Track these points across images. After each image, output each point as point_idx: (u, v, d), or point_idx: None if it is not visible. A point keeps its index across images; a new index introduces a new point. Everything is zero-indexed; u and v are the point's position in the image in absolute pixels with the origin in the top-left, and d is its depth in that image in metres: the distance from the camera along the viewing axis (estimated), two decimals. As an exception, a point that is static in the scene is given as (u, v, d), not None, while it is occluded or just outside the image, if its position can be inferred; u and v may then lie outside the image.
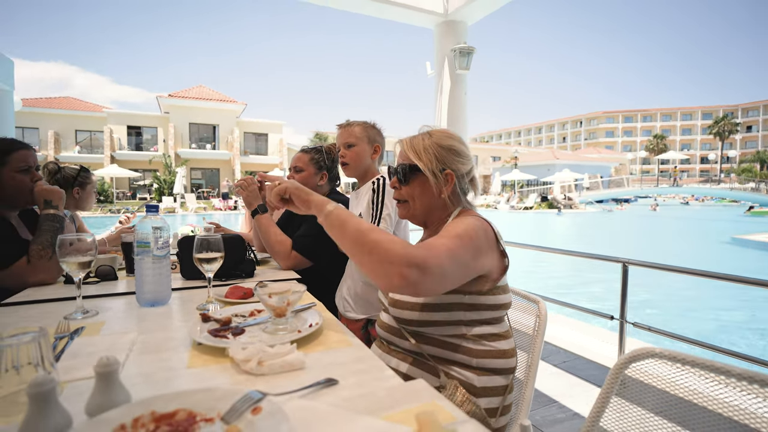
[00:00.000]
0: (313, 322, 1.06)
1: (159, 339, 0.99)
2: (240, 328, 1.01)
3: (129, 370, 0.82)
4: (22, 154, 1.58)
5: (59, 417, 0.58)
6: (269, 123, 30.71)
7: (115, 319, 1.14)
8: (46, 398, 0.56)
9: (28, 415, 0.56)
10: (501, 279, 1.11)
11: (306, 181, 2.02)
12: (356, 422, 0.61)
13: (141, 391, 0.72)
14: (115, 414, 0.60)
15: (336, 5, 4.54)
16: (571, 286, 7.93)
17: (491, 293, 1.09)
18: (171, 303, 1.29)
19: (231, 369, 0.83)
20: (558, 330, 3.51)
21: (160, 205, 21.63)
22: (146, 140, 28.05)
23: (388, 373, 0.82)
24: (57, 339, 0.95)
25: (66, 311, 1.17)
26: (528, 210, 27.46)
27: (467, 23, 4.52)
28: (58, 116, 26.40)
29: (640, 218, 24.24)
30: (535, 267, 9.55)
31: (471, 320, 1.09)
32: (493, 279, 1.09)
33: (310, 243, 1.82)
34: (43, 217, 1.54)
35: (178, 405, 0.63)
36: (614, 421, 0.86)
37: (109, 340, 0.95)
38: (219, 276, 1.56)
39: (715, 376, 0.79)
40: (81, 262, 1.11)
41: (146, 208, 1.23)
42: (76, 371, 0.78)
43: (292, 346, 0.85)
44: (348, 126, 1.87)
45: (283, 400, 0.67)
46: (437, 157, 1.14)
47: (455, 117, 4.54)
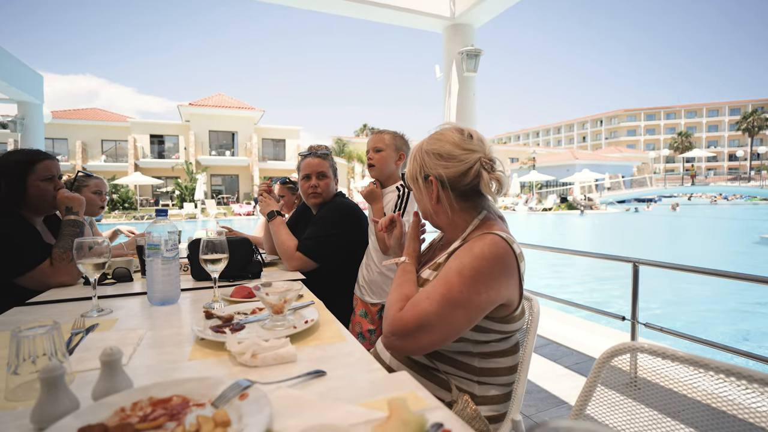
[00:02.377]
0: (309, 318, 1.11)
1: (165, 335, 1.06)
2: (240, 324, 1.07)
3: (135, 362, 0.89)
4: (46, 164, 1.69)
5: (67, 400, 0.64)
6: (286, 129, 31.16)
7: (127, 317, 1.22)
8: (55, 383, 0.63)
9: (40, 397, 0.63)
10: (519, 306, 1.04)
11: (329, 188, 2.11)
12: (335, 409, 0.66)
13: (144, 380, 0.78)
14: (117, 398, 0.66)
15: (347, 13, 4.63)
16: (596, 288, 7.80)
17: (505, 321, 1.03)
18: (180, 302, 1.36)
19: (228, 361, 0.88)
20: (571, 332, 3.48)
21: (182, 211, 22.21)
22: (168, 148, 28.83)
23: (374, 366, 0.86)
24: (73, 334, 1.03)
25: (83, 310, 1.26)
26: (547, 211, 27.06)
27: (475, 26, 4.55)
28: (85, 127, 27.41)
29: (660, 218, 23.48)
30: (553, 268, 9.41)
31: (478, 341, 1.04)
32: (513, 308, 1.02)
33: (313, 245, 1.89)
34: (65, 222, 1.64)
35: (174, 392, 0.69)
36: (599, 407, 0.88)
37: (119, 336, 1.02)
38: (227, 277, 1.64)
39: (696, 369, 0.81)
40: (96, 264, 1.19)
41: (156, 213, 1.31)
42: (88, 362, 0.86)
43: (286, 340, 0.90)
44: (380, 133, 2.02)
45: (271, 389, 0.72)
46: (421, 165, 1.12)
47: (464, 119, 4.55)
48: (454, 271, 0.96)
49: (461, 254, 0.99)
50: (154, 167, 27.40)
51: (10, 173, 1.63)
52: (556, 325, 3.65)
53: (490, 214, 1.13)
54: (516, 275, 1.00)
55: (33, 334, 0.72)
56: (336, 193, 2.18)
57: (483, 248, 0.97)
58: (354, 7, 4.31)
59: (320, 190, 2.05)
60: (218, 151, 28.84)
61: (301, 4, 4.46)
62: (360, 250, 2.02)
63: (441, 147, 1.09)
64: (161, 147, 28.78)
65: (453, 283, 0.94)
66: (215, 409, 0.65)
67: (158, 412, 0.63)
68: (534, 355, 3.10)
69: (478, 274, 0.94)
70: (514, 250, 1.00)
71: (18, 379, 0.71)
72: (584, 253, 3.16)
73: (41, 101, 9.29)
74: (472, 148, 1.08)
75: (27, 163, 1.66)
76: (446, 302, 0.93)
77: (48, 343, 0.73)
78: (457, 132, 1.12)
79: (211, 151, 28.60)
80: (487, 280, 0.95)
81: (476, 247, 0.98)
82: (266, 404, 0.63)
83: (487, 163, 1.06)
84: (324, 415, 0.64)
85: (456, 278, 0.94)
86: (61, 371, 0.63)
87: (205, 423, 0.58)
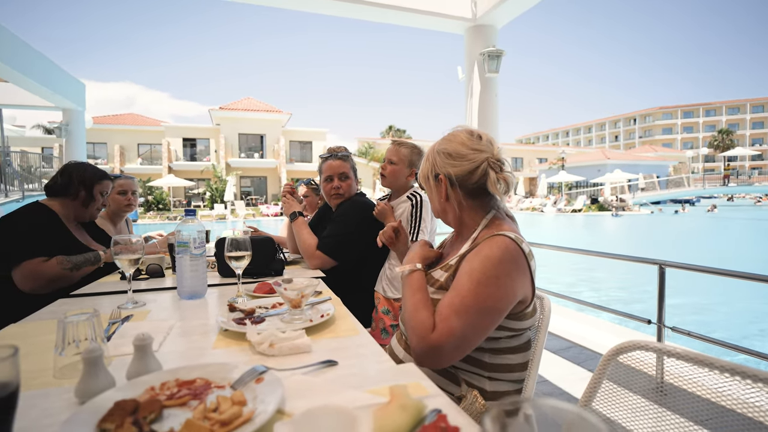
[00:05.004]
0: (325, 313, 1.16)
1: (193, 325, 1.14)
2: (261, 317, 1.14)
3: (165, 349, 0.97)
4: (106, 184, 2.05)
5: (105, 378, 0.72)
6: (313, 131, 31.65)
7: (159, 309, 1.31)
8: (95, 362, 0.71)
9: (82, 375, 0.71)
10: (531, 305, 1.07)
11: (351, 188, 2.18)
12: (341, 393, 0.71)
13: (172, 365, 0.85)
14: (148, 378, 0.73)
15: (370, 18, 4.70)
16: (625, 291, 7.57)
17: (517, 318, 1.05)
18: (207, 296, 1.45)
19: (248, 350, 0.95)
20: (595, 334, 3.42)
21: (212, 212, 22.91)
22: (200, 151, 29.80)
23: (384, 358, 0.91)
24: (110, 323, 1.13)
25: (120, 302, 1.36)
26: (576, 212, 26.35)
27: (497, 26, 4.51)
28: (123, 131, 28.72)
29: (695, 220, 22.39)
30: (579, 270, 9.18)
31: (489, 337, 1.05)
32: (526, 305, 1.05)
33: (332, 243, 1.95)
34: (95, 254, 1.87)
35: (198, 374, 0.76)
36: (604, 403, 0.90)
37: (151, 325, 1.11)
38: (251, 273, 1.72)
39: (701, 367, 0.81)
40: (131, 259, 1.29)
41: (185, 212, 1.40)
42: (123, 348, 0.94)
43: (302, 332, 0.96)
44: (399, 146, 2.08)
45: (286, 375, 0.78)
46: (432, 164, 1.16)
47: (486, 120, 4.53)
48: (472, 279, 0.99)
49: (473, 259, 1.02)
50: (187, 169, 28.37)
51: None
52: (582, 328, 3.59)
53: (499, 213, 1.16)
54: (527, 273, 1.03)
55: (76, 320, 0.81)
56: (356, 193, 2.25)
57: (494, 251, 1.00)
58: (377, 12, 4.38)
59: (342, 191, 2.12)
60: (247, 153, 29.58)
61: (326, 10, 4.55)
62: (378, 248, 2.08)
63: (450, 147, 1.14)
64: (193, 150, 29.77)
65: (474, 293, 0.97)
66: (233, 391, 0.71)
67: (183, 391, 0.70)
68: (555, 357, 3.07)
69: (494, 278, 0.98)
70: (523, 249, 1.02)
71: (64, 359, 0.80)
72: (609, 255, 3.10)
73: (83, 108, 9.83)
74: (480, 148, 1.12)
75: (96, 178, 2.01)
76: (473, 313, 0.96)
77: (89, 328, 0.81)
78: (467, 133, 1.16)
79: (241, 153, 29.36)
80: (503, 281, 0.98)
81: (487, 250, 1.01)
82: (279, 387, 0.69)
83: (494, 163, 1.10)
84: (330, 399, 0.69)
85: (476, 287, 0.97)
86: (100, 352, 0.71)
87: (223, 402, 0.65)
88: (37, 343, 1.00)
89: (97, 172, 2.02)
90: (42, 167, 14.13)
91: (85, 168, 2.00)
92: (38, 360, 0.89)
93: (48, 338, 1.01)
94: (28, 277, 1.66)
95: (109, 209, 2.57)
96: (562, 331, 3.52)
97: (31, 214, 1.80)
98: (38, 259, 1.69)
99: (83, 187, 1.94)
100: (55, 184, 1.92)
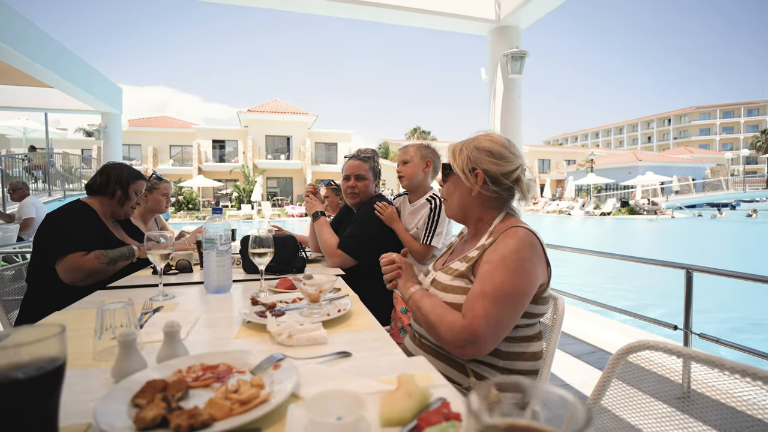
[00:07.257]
0: (342, 308, 1.21)
1: (218, 317, 1.21)
2: (281, 311, 1.19)
3: (192, 338, 1.03)
4: (140, 184, 2.17)
5: (138, 360, 0.79)
6: (338, 133, 31.99)
7: (187, 302, 1.39)
8: (129, 345, 0.78)
9: (118, 357, 0.78)
10: (546, 289, 1.15)
11: (368, 189, 2.23)
12: (352, 381, 0.75)
13: (198, 351, 0.91)
14: (176, 362, 0.80)
15: (394, 21, 4.75)
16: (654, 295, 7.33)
17: (536, 302, 1.12)
18: (232, 291, 1.53)
19: (268, 341, 1.01)
20: (621, 340, 3.34)
21: (240, 212, 23.48)
22: (228, 152, 30.60)
23: (396, 351, 0.94)
24: (143, 313, 1.21)
25: (151, 294, 1.45)
26: (605, 216, 25.59)
27: (521, 27, 4.48)
28: (156, 134, 29.84)
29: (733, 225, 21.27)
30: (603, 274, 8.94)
31: None
32: (544, 288, 1.13)
33: (353, 242, 2.01)
34: (129, 248, 1.97)
35: (221, 360, 0.82)
36: (613, 400, 0.90)
37: (180, 316, 1.19)
38: (273, 270, 1.79)
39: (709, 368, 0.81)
40: (162, 254, 1.37)
41: (212, 210, 1.48)
42: (154, 335, 1.01)
43: (318, 325, 1.01)
44: (405, 147, 2.18)
45: (301, 364, 0.83)
46: (470, 158, 1.22)
47: (508, 121, 4.50)
48: (503, 266, 1.06)
49: (499, 249, 1.10)
50: (216, 170, 29.18)
51: None
52: (607, 333, 3.51)
53: (512, 211, 1.27)
54: (544, 259, 1.13)
55: (113, 308, 0.88)
56: (375, 195, 2.29)
57: (517, 240, 1.10)
58: (401, 15, 4.43)
59: (357, 190, 2.17)
60: (274, 155, 30.17)
61: (351, 14, 4.62)
62: (398, 248, 2.11)
63: (492, 146, 1.22)
64: (222, 151, 30.60)
65: (507, 279, 1.04)
66: (253, 376, 0.76)
67: (207, 375, 0.76)
68: (576, 361, 3.02)
69: (521, 265, 1.06)
70: (539, 237, 1.14)
71: (102, 344, 0.88)
72: (635, 259, 3.03)
73: (120, 111, 10.29)
74: (518, 154, 1.24)
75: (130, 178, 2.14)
76: (507, 297, 1.03)
77: (124, 316, 0.89)
78: (504, 137, 1.27)
79: (267, 155, 29.97)
80: (528, 267, 1.07)
81: (511, 240, 1.10)
82: (295, 373, 0.74)
83: (524, 170, 1.23)
84: (341, 385, 0.74)
85: (507, 273, 1.05)
86: (133, 336, 0.78)
87: (243, 384, 0.70)
88: (78, 329, 1.09)
89: (132, 173, 2.15)
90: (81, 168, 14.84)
91: (122, 168, 2.13)
92: (79, 344, 0.97)
93: (87, 325, 1.09)
94: (69, 270, 1.78)
95: (143, 208, 2.71)
96: (586, 336, 3.46)
97: (73, 211, 1.93)
98: (79, 252, 1.81)
99: (119, 186, 2.06)
100: (95, 183, 2.05)
